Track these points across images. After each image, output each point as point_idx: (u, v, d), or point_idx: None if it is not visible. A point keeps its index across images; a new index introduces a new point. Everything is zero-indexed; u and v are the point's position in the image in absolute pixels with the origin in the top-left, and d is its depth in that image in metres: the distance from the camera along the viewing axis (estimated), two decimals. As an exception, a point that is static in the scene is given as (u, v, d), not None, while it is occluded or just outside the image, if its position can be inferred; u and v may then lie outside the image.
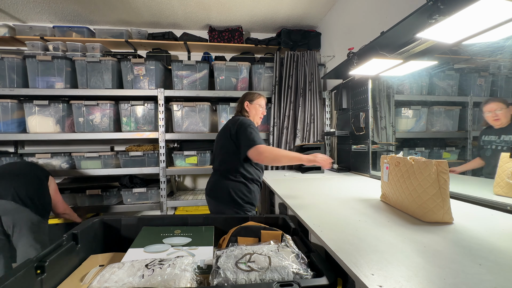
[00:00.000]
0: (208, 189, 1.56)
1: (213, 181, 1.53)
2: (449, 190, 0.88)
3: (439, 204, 0.87)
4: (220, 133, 1.58)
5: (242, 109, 1.60)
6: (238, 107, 1.63)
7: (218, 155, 1.54)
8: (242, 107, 1.60)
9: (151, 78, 2.32)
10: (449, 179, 0.88)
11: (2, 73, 2.18)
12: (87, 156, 2.26)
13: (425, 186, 0.90)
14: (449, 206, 0.88)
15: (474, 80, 1.81)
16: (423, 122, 2.02)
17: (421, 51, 1.40)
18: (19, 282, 0.61)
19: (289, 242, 0.80)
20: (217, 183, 1.50)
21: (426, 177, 0.90)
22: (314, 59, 2.63)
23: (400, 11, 1.55)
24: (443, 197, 0.87)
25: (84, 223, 0.95)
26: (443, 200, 0.87)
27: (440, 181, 0.87)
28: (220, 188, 1.47)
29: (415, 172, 0.95)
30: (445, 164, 0.88)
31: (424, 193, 0.90)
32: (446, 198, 0.87)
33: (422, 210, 0.91)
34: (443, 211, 0.88)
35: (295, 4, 2.46)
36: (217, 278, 0.64)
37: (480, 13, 0.87)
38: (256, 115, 1.62)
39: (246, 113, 1.59)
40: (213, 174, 1.58)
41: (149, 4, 2.40)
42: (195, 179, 2.96)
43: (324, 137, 2.65)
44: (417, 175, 0.94)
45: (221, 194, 1.46)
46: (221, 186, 1.47)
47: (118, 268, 0.70)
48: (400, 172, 1.03)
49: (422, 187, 0.91)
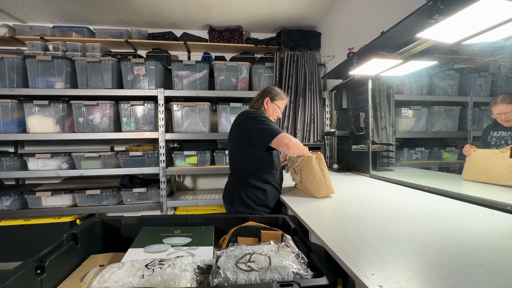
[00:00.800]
0: (223, 192, 1.49)
1: (227, 184, 1.49)
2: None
3: (323, 184, 1.28)
4: (229, 133, 1.50)
5: (261, 104, 1.48)
6: (256, 99, 1.51)
7: (230, 156, 1.49)
8: (261, 102, 1.48)
9: (151, 78, 2.32)
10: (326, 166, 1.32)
11: (2, 73, 2.17)
12: (87, 156, 2.26)
13: (311, 173, 1.30)
14: (330, 184, 1.28)
15: (474, 80, 1.81)
16: (423, 122, 2.02)
17: (421, 51, 1.40)
18: (19, 282, 0.61)
19: (289, 242, 0.80)
20: (229, 186, 1.46)
21: (310, 168, 1.31)
22: (314, 59, 2.63)
23: (400, 11, 1.55)
24: (325, 180, 1.28)
25: (84, 223, 0.95)
26: (325, 181, 1.28)
27: (321, 168, 1.29)
28: (232, 191, 1.41)
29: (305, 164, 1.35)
30: (321, 156, 1.33)
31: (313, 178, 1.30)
32: (327, 181, 1.28)
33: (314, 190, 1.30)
34: (326, 188, 1.28)
35: (295, 4, 2.46)
36: (217, 278, 0.64)
37: (480, 13, 0.87)
38: (272, 116, 1.51)
39: (264, 108, 1.48)
40: (228, 176, 1.52)
41: (149, 4, 2.40)
42: (195, 179, 2.96)
43: (324, 137, 2.65)
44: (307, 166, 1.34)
45: (233, 197, 1.38)
46: (233, 189, 1.41)
47: (118, 268, 0.70)
48: (299, 167, 1.42)
49: (309, 174, 1.31)
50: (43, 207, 2.21)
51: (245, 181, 1.37)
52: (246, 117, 1.38)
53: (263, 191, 1.36)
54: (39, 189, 2.21)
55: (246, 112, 1.42)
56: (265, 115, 1.38)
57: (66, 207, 2.22)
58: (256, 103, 1.51)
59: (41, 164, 2.24)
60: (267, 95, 1.48)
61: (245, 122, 1.37)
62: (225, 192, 1.47)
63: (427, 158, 2.03)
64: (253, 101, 1.53)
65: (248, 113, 1.39)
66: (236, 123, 1.44)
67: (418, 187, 1.43)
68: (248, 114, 1.38)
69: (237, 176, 1.42)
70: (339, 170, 2.25)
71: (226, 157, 2.44)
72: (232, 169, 1.48)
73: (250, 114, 1.37)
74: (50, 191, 2.19)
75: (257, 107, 1.50)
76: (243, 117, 1.39)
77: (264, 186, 1.37)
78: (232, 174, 1.48)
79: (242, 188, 1.37)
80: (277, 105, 1.49)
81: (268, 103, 1.48)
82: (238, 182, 1.40)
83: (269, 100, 1.48)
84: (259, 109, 1.48)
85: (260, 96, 1.51)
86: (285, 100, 1.53)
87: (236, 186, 1.41)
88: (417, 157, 2.04)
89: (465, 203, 1.13)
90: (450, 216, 0.95)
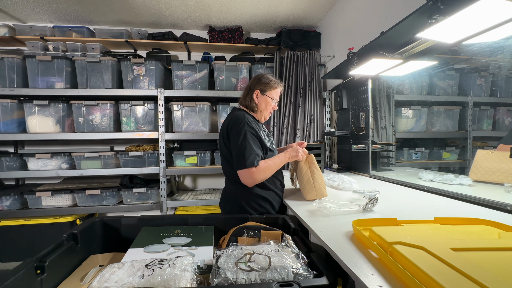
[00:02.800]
0: (221, 199, 1.35)
1: (224, 190, 1.34)
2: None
3: (311, 187, 1.24)
4: (219, 136, 1.35)
5: (251, 100, 1.27)
6: (244, 95, 1.31)
7: (222, 162, 1.31)
8: (251, 97, 1.27)
9: (151, 78, 2.32)
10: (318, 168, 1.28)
11: (2, 73, 2.17)
12: (87, 156, 2.26)
13: (300, 175, 1.29)
14: (320, 187, 1.23)
15: (474, 80, 1.81)
16: (423, 122, 2.02)
17: (421, 51, 1.40)
18: (19, 282, 0.61)
19: (289, 242, 0.80)
20: (227, 192, 1.31)
21: (299, 169, 1.30)
22: (314, 59, 2.63)
23: (400, 11, 1.55)
24: (314, 182, 1.24)
25: (84, 223, 0.95)
26: (314, 183, 1.24)
27: (311, 169, 1.27)
28: (230, 198, 1.28)
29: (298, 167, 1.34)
30: (312, 157, 1.30)
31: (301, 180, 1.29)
32: (315, 183, 1.24)
33: (304, 192, 1.28)
34: (315, 191, 1.23)
35: (295, 4, 2.46)
36: (217, 278, 0.64)
37: (480, 13, 0.87)
38: (265, 110, 1.31)
39: (255, 104, 1.28)
40: (225, 181, 1.36)
41: (149, 4, 2.40)
42: (195, 179, 2.96)
43: (324, 137, 2.65)
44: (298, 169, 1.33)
45: (231, 205, 1.25)
46: (231, 195, 1.27)
47: (118, 268, 0.70)
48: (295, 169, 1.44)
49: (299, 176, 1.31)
50: (43, 207, 2.20)
51: (243, 190, 1.22)
52: (230, 124, 1.21)
53: (264, 199, 1.24)
54: (39, 189, 2.21)
55: (231, 116, 1.23)
56: (249, 123, 1.18)
57: (66, 207, 2.22)
58: (245, 99, 1.30)
59: (41, 164, 2.24)
60: (256, 86, 1.27)
61: (227, 132, 1.21)
62: (223, 200, 1.33)
63: (427, 158, 2.03)
64: (242, 96, 1.32)
65: (232, 120, 1.20)
66: (222, 128, 1.27)
67: (418, 187, 1.43)
68: (231, 122, 1.20)
69: (235, 183, 1.24)
70: (339, 170, 2.25)
71: (226, 157, 2.44)
72: (227, 176, 1.32)
73: (233, 122, 1.19)
74: (50, 191, 2.19)
75: (247, 104, 1.30)
76: (228, 123, 1.22)
77: (266, 195, 1.24)
78: (229, 181, 1.30)
79: (242, 197, 1.23)
80: (269, 96, 1.28)
81: (258, 97, 1.28)
82: (236, 189, 1.25)
83: (259, 93, 1.27)
84: (249, 106, 1.29)
85: (248, 90, 1.29)
86: (279, 88, 1.32)
87: (234, 194, 1.26)
88: (417, 157, 2.04)
89: (465, 203, 1.13)
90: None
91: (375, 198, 1.05)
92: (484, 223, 0.77)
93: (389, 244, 0.61)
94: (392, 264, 0.55)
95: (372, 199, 1.04)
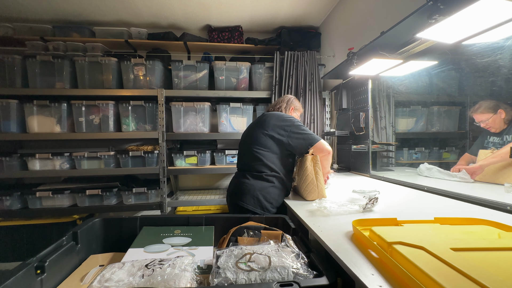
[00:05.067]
0: (231, 191, 1.42)
1: (238, 183, 1.40)
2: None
3: (314, 187, 1.26)
4: (253, 130, 1.45)
5: (288, 111, 1.63)
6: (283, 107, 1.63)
7: (248, 153, 1.40)
8: (288, 110, 1.63)
9: (151, 78, 2.32)
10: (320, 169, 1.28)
11: (2, 73, 2.17)
12: (87, 156, 2.26)
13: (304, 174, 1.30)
14: (322, 188, 1.26)
15: (474, 80, 1.81)
16: (423, 122, 2.02)
17: (421, 51, 1.40)
18: (19, 282, 0.61)
19: (289, 242, 0.80)
20: (243, 185, 1.36)
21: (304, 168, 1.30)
22: (314, 59, 2.63)
23: (400, 11, 1.55)
24: (317, 182, 1.25)
25: (84, 223, 0.95)
26: (317, 184, 1.25)
27: (315, 169, 1.27)
28: (247, 190, 1.33)
29: (300, 164, 1.36)
30: (317, 157, 1.29)
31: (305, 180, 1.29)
32: (319, 184, 1.26)
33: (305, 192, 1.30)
34: (317, 191, 1.26)
35: (295, 4, 2.46)
36: (217, 278, 0.64)
37: (480, 13, 0.87)
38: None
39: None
40: (238, 175, 1.46)
41: (149, 4, 2.39)
42: (195, 179, 2.96)
43: (324, 137, 2.65)
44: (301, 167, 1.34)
45: (247, 197, 1.31)
46: (249, 188, 1.33)
47: (118, 268, 0.70)
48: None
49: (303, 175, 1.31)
50: (43, 207, 2.20)
51: (264, 179, 1.33)
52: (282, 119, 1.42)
53: (280, 192, 1.35)
54: (39, 189, 2.21)
55: (281, 115, 1.46)
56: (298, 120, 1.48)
57: (66, 207, 2.22)
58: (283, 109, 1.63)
59: (41, 164, 2.24)
60: (291, 104, 1.65)
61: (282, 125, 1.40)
62: (235, 193, 1.39)
63: (427, 158, 2.03)
64: (278, 106, 1.63)
65: (284, 116, 1.45)
66: (266, 123, 1.41)
67: (418, 187, 1.44)
68: (284, 117, 1.43)
69: (254, 174, 1.36)
70: (339, 170, 2.25)
71: (226, 157, 2.44)
72: (248, 166, 1.41)
73: (287, 117, 1.43)
74: (50, 191, 2.19)
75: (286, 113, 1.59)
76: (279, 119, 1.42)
77: (283, 188, 1.37)
78: (246, 172, 1.40)
79: (258, 187, 1.32)
80: (296, 115, 1.67)
81: (292, 112, 1.65)
82: (254, 180, 1.35)
83: (293, 110, 1.65)
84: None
85: (286, 103, 1.66)
86: (302, 111, 1.73)
87: (250, 184, 1.34)
88: (417, 157, 2.04)
89: (465, 203, 1.13)
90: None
91: (375, 198, 1.05)
92: (484, 223, 0.77)
93: (389, 244, 0.61)
94: (392, 264, 0.55)
95: (372, 199, 1.04)
